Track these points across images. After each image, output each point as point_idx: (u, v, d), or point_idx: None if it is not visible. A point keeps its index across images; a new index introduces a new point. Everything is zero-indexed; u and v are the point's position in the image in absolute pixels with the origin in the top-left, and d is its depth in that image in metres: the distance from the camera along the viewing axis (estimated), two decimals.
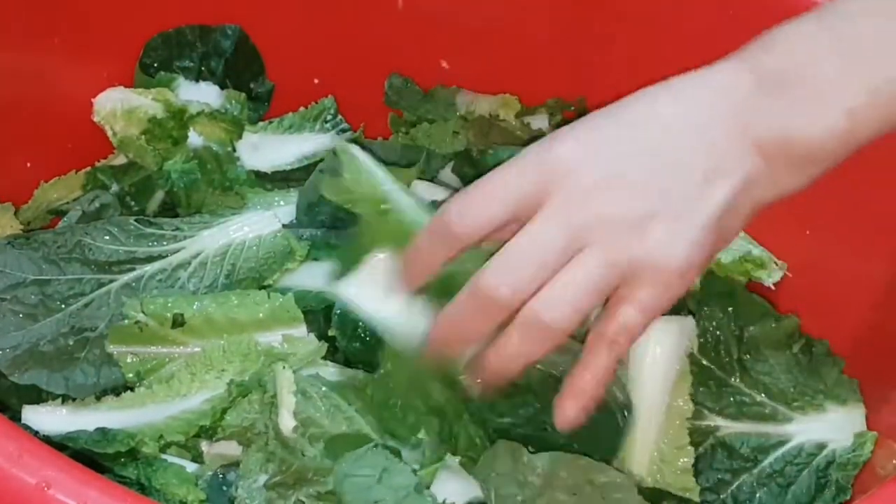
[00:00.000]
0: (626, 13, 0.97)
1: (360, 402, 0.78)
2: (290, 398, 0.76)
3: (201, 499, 0.77)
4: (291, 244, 0.89)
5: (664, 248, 0.59)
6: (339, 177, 0.79)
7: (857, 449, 0.82)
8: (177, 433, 0.78)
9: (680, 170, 0.60)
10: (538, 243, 0.60)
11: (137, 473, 0.78)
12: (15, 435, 0.57)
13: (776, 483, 0.81)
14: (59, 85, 0.95)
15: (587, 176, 0.60)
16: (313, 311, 0.86)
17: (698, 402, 0.81)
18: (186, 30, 1.02)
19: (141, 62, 1.01)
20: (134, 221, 0.88)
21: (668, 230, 0.59)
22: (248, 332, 0.82)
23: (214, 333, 0.82)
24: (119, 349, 0.82)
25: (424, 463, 0.77)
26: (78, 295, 0.84)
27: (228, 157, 1.00)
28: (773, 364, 0.83)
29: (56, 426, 0.78)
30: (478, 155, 0.97)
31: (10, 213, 0.93)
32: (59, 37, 0.94)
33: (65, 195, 0.97)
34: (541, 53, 1.00)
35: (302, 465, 0.75)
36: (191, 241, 0.88)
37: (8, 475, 0.56)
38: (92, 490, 0.56)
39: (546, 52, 1.00)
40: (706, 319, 0.83)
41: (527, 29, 1.00)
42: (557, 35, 0.99)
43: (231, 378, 0.79)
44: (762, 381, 0.83)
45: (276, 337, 0.83)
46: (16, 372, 0.81)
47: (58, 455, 0.57)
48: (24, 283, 0.83)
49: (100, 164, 0.99)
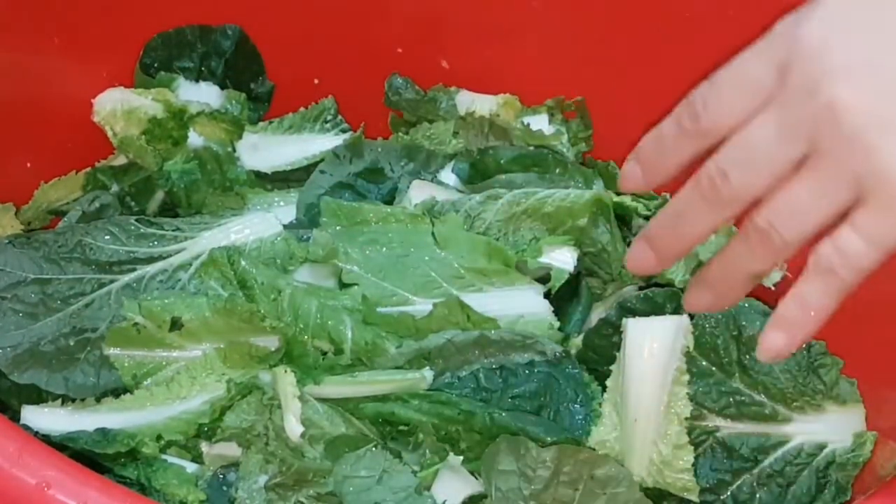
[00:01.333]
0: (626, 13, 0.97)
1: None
2: (296, 403, 0.76)
3: (201, 499, 0.77)
4: (291, 247, 0.89)
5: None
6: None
7: (857, 449, 0.82)
8: (176, 433, 0.78)
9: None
10: (766, 139, 0.54)
11: (137, 473, 0.78)
12: (15, 435, 0.58)
13: (776, 483, 0.81)
14: (59, 85, 0.95)
15: (829, 59, 0.52)
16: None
17: (698, 403, 0.81)
18: (187, 30, 1.02)
19: (141, 62, 1.01)
20: (135, 221, 0.88)
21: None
22: (245, 336, 0.82)
23: (212, 337, 0.82)
24: (116, 352, 0.82)
25: (425, 464, 0.77)
26: (78, 295, 0.84)
27: (228, 158, 1.00)
28: (772, 364, 0.83)
29: (56, 426, 0.78)
30: (478, 155, 0.97)
31: (11, 213, 0.93)
32: (59, 37, 0.94)
33: (65, 195, 0.97)
34: (541, 53, 1.00)
35: (302, 467, 0.75)
36: (191, 241, 0.88)
37: (8, 475, 0.56)
38: (92, 490, 0.56)
39: (546, 52, 1.00)
40: (704, 319, 0.83)
41: (527, 29, 1.00)
42: (557, 35, 0.99)
43: (230, 378, 0.79)
44: (762, 381, 0.83)
45: (272, 341, 0.83)
46: (16, 371, 0.81)
47: (58, 455, 0.57)
48: (24, 282, 0.83)
49: (100, 165, 0.99)
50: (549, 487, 0.72)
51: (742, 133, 0.55)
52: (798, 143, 0.53)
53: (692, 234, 0.58)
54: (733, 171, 0.55)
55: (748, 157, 0.55)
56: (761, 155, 0.54)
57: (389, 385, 0.80)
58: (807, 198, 0.54)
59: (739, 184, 0.55)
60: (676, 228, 0.59)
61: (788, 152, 0.54)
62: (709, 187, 0.56)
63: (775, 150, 0.54)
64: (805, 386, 0.83)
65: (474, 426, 0.80)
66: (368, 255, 0.87)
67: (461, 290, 0.85)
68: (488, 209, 0.90)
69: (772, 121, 0.54)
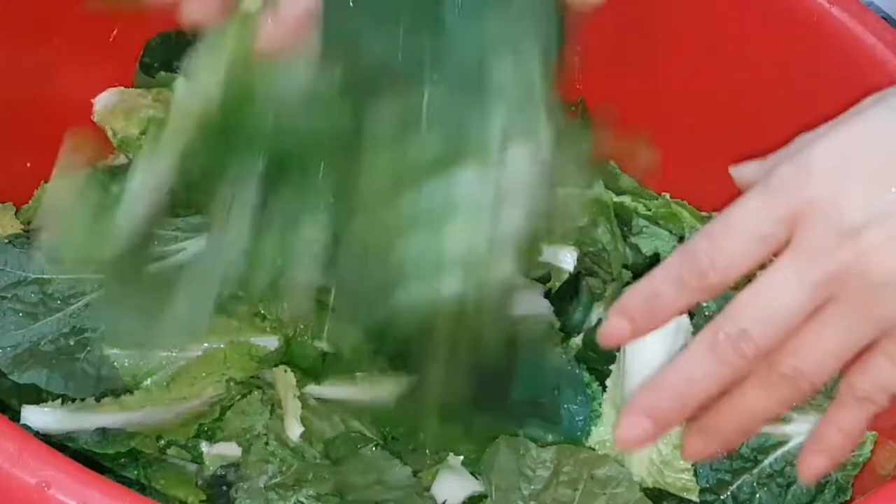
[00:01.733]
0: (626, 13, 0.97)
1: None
2: (296, 403, 0.76)
3: (201, 499, 0.77)
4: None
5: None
6: None
7: (857, 449, 0.82)
8: (176, 433, 0.78)
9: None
10: (788, 295, 0.54)
11: (137, 473, 0.78)
12: (15, 435, 0.57)
13: (776, 483, 0.81)
14: (58, 85, 0.95)
15: (841, 217, 0.54)
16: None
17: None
18: (187, 30, 1.01)
19: (141, 62, 1.00)
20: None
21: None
22: (245, 336, 0.82)
23: (212, 337, 0.82)
24: (116, 352, 0.82)
25: (425, 464, 0.77)
26: (79, 294, 0.84)
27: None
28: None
29: (56, 426, 0.78)
30: None
31: (11, 213, 0.93)
32: (58, 37, 0.94)
33: None
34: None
35: (302, 466, 0.75)
36: (191, 242, 0.88)
37: (8, 475, 0.56)
38: (92, 490, 0.55)
39: None
40: (704, 319, 0.83)
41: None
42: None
43: (230, 378, 0.79)
44: None
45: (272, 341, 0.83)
46: (16, 371, 0.81)
47: (58, 455, 0.57)
48: (24, 282, 0.83)
49: (100, 165, 0.99)
50: (549, 487, 0.72)
51: (760, 290, 0.55)
52: (822, 295, 0.54)
53: (699, 391, 0.57)
54: (756, 329, 0.55)
55: (770, 314, 0.54)
56: (784, 312, 0.54)
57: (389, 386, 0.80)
58: (834, 342, 0.55)
59: (764, 342, 0.55)
60: (691, 388, 0.57)
61: (812, 305, 0.54)
62: (731, 349, 0.55)
63: (798, 304, 0.54)
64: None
65: (474, 427, 0.80)
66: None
67: None
68: None
69: (792, 276, 0.54)
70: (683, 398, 0.56)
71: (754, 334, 0.54)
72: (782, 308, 0.54)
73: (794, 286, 0.54)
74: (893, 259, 0.53)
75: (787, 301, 0.54)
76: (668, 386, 0.57)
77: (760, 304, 0.55)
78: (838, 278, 0.54)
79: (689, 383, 0.56)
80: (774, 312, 0.54)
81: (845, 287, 0.54)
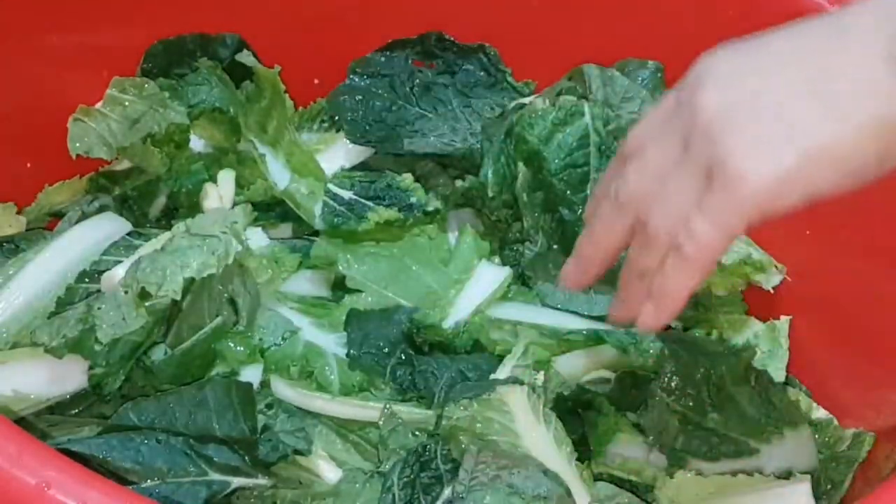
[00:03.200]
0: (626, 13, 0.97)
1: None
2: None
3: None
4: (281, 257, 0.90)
5: (746, 155, 0.56)
6: None
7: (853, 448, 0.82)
8: None
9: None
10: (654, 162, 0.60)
11: None
12: (15, 435, 0.58)
13: None
14: (61, 89, 0.96)
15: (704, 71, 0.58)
16: None
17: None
18: (187, 38, 1.01)
19: (141, 68, 1.01)
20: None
21: (754, 140, 0.56)
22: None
23: None
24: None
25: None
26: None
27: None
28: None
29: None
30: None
31: (12, 213, 0.94)
32: (61, 41, 0.94)
33: (68, 199, 0.97)
34: (540, 53, 1.00)
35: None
36: None
37: (8, 475, 0.56)
38: (92, 490, 0.56)
39: (546, 52, 1.00)
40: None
41: (527, 29, 1.00)
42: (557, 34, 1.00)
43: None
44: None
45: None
46: None
47: (58, 455, 0.58)
48: None
49: (102, 170, 0.99)
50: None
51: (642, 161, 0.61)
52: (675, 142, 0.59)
53: (607, 243, 0.64)
54: (631, 177, 0.61)
55: (641, 167, 0.61)
56: (652, 166, 0.60)
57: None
58: (673, 189, 0.59)
59: (634, 186, 0.61)
60: (593, 237, 0.65)
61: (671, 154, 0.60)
62: (614, 199, 0.62)
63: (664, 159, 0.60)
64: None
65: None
66: (370, 264, 0.88)
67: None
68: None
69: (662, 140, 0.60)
70: (593, 236, 0.65)
71: (630, 180, 0.61)
72: (650, 162, 0.60)
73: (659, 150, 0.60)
74: (716, 99, 0.57)
75: (655, 157, 0.60)
76: (583, 236, 0.66)
77: (635, 166, 0.61)
78: (685, 126, 0.58)
79: (592, 231, 0.65)
80: (645, 166, 0.61)
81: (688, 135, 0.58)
